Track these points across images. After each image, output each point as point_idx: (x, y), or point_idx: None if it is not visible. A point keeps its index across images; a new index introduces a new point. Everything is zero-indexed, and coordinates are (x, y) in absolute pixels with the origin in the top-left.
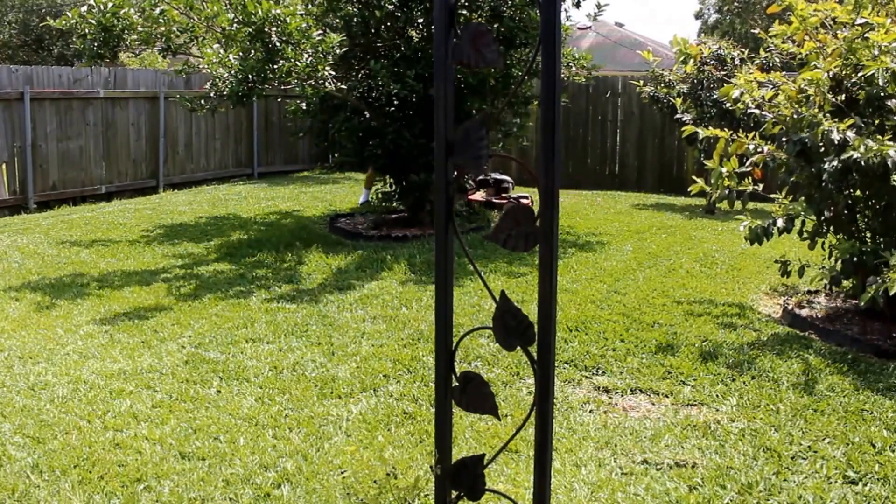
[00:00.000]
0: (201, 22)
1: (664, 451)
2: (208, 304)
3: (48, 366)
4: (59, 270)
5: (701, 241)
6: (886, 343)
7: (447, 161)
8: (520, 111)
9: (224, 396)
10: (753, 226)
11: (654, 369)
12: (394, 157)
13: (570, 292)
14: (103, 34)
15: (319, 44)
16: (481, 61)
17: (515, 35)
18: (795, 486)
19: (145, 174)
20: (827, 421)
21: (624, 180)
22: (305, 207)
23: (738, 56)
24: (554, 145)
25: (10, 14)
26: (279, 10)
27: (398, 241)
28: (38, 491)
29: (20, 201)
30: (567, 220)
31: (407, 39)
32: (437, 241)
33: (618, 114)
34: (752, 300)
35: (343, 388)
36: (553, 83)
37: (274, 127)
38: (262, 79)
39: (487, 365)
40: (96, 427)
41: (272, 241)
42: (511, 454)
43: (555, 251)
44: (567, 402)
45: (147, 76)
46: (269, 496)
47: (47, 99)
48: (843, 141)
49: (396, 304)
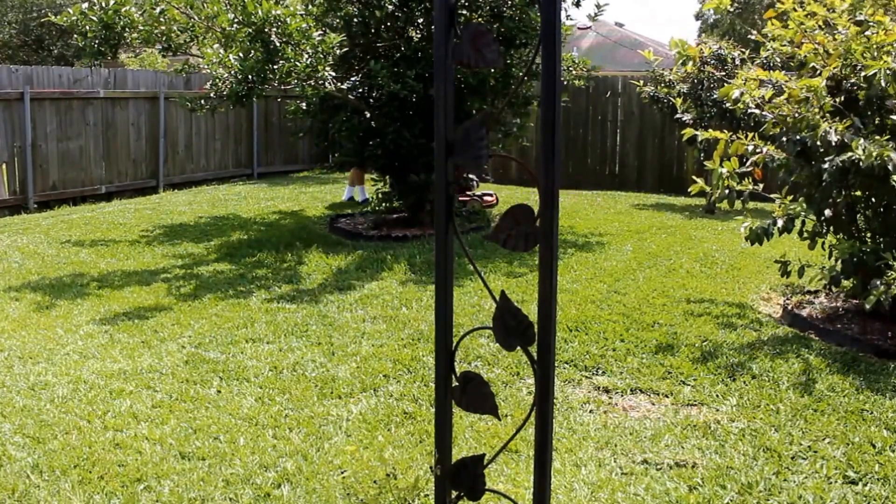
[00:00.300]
0: (201, 21)
1: (664, 451)
2: (208, 304)
3: (48, 366)
4: (59, 270)
5: (701, 241)
6: (886, 343)
7: (447, 161)
8: (520, 111)
9: (224, 396)
10: (754, 226)
11: (654, 369)
12: (394, 157)
13: (570, 292)
14: (104, 32)
15: (319, 44)
16: (481, 61)
17: (515, 35)
18: (795, 486)
19: (145, 174)
20: (827, 421)
21: (624, 180)
22: (305, 207)
23: (738, 56)
24: (554, 145)
25: (10, 14)
26: (279, 10)
27: (398, 241)
28: (38, 491)
29: (20, 201)
30: (567, 220)
31: (407, 39)
32: (437, 241)
33: (618, 114)
34: (752, 300)
35: (343, 388)
36: (553, 83)
37: (274, 127)
38: (262, 79)
39: (487, 365)
40: (96, 427)
41: (272, 241)
42: (511, 454)
43: (555, 251)
44: (567, 402)
45: (147, 76)
46: (269, 496)
47: (47, 99)
48: (840, 142)
49: (396, 304)
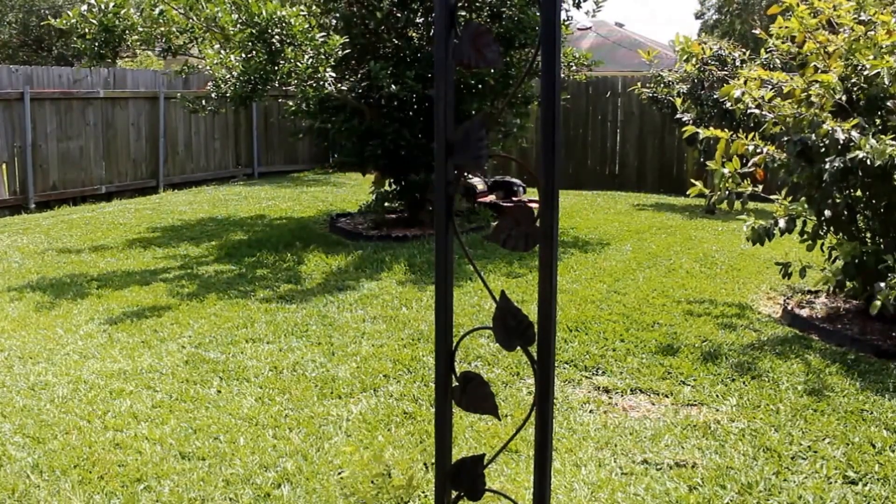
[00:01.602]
0: (201, 23)
1: (664, 451)
2: (208, 304)
3: (48, 366)
4: (59, 270)
5: (701, 242)
6: (886, 343)
7: (447, 161)
8: (520, 111)
9: (224, 396)
10: (756, 226)
11: (654, 369)
12: (394, 157)
13: (570, 292)
14: (104, 34)
15: (322, 46)
16: (481, 61)
17: (515, 36)
18: (795, 486)
19: (145, 174)
20: (827, 421)
21: (624, 180)
22: (305, 207)
23: (738, 56)
24: (554, 145)
25: (11, 14)
26: (283, 11)
27: (398, 241)
28: (38, 491)
29: (20, 201)
30: (567, 221)
31: (407, 40)
32: (437, 241)
33: (618, 114)
34: (752, 300)
35: (343, 388)
36: (553, 83)
37: (274, 127)
38: (265, 80)
39: (487, 365)
40: (96, 427)
41: (272, 241)
42: (511, 454)
43: (555, 251)
44: (567, 402)
45: (146, 76)
46: (269, 496)
47: (47, 99)
48: (847, 141)
49: (396, 304)
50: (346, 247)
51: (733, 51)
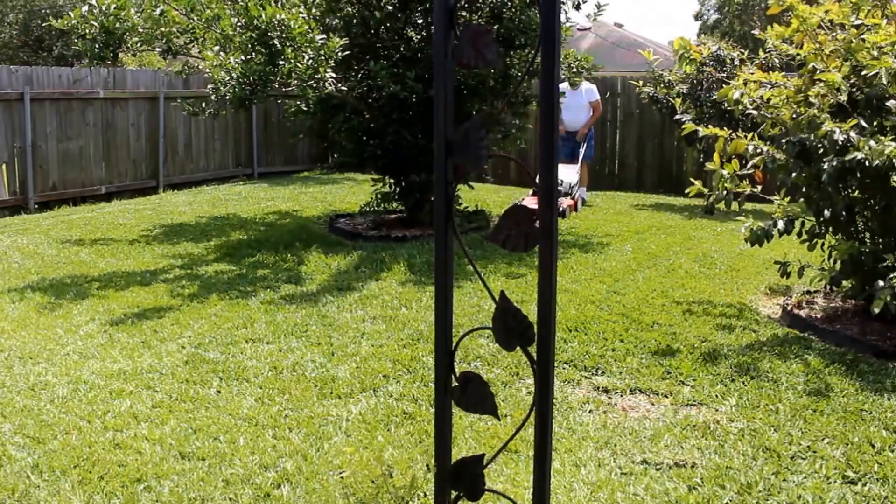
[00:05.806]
0: (202, 24)
1: (664, 451)
2: (208, 304)
3: (48, 366)
4: (59, 270)
5: (700, 242)
6: (886, 343)
7: (447, 161)
8: (519, 111)
9: (224, 396)
10: (754, 228)
11: (653, 369)
12: (394, 157)
13: (569, 292)
14: (105, 36)
15: (322, 47)
16: (481, 62)
17: (515, 36)
18: (795, 486)
19: (145, 174)
20: (826, 421)
21: (623, 180)
22: (305, 208)
23: (737, 57)
24: (553, 146)
25: (11, 15)
26: (283, 14)
27: (398, 242)
28: (38, 491)
29: (20, 202)
30: (567, 221)
31: (407, 40)
32: (437, 242)
33: (617, 114)
34: (752, 300)
35: (343, 389)
36: (553, 83)
37: (274, 127)
38: (264, 83)
39: (487, 365)
40: (96, 427)
41: (272, 241)
42: (511, 454)
43: (554, 251)
44: (567, 402)
45: (146, 77)
46: (268, 496)
47: (47, 99)
48: (846, 141)
49: (396, 305)
50: (346, 247)
51: (732, 51)
